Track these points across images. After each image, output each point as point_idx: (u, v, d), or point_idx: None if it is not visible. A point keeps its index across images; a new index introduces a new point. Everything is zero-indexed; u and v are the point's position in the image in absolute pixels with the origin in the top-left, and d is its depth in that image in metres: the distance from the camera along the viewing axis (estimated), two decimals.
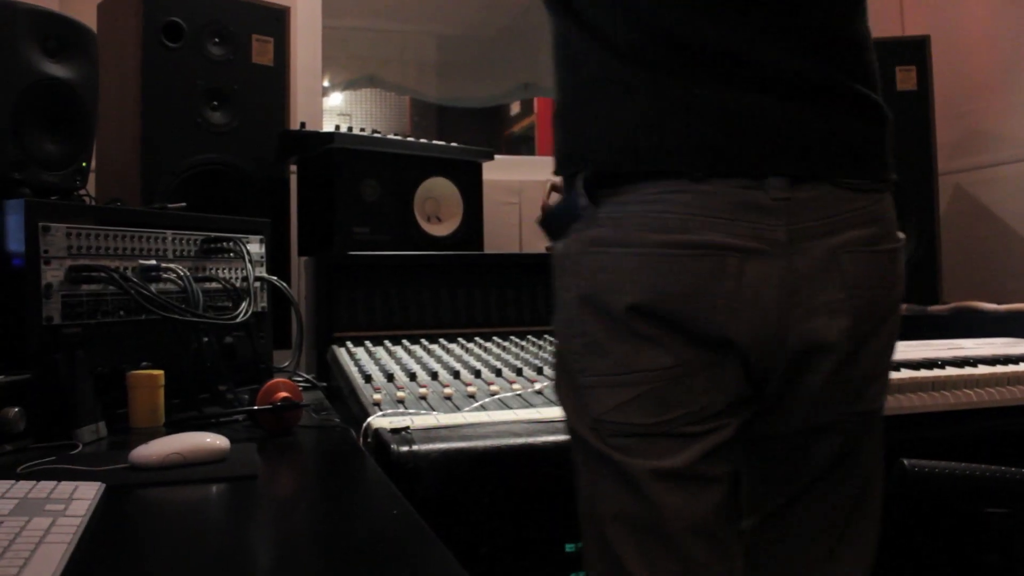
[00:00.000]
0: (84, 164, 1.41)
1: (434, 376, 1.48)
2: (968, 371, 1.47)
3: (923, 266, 2.19)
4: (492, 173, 2.16)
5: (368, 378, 1.45)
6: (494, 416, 1.28)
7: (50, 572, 0.63)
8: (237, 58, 1.86)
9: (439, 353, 1.65)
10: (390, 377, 1.46)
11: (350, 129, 1.90)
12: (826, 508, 0.96)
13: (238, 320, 1.40)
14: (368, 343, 1.71)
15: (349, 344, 1.70)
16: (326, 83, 2.70)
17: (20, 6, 1.29)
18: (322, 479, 1.13)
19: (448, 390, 1.40)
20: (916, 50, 2.24)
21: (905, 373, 1.44)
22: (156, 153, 1.74)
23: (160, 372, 1.27)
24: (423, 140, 2.01)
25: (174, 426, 1.24)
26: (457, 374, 1.50)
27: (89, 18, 1.63)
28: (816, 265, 0.85)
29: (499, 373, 1.53)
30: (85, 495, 0.82)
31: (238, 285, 1.50)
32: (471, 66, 3.09)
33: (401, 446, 1.14)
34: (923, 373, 1.45)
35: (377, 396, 1.35)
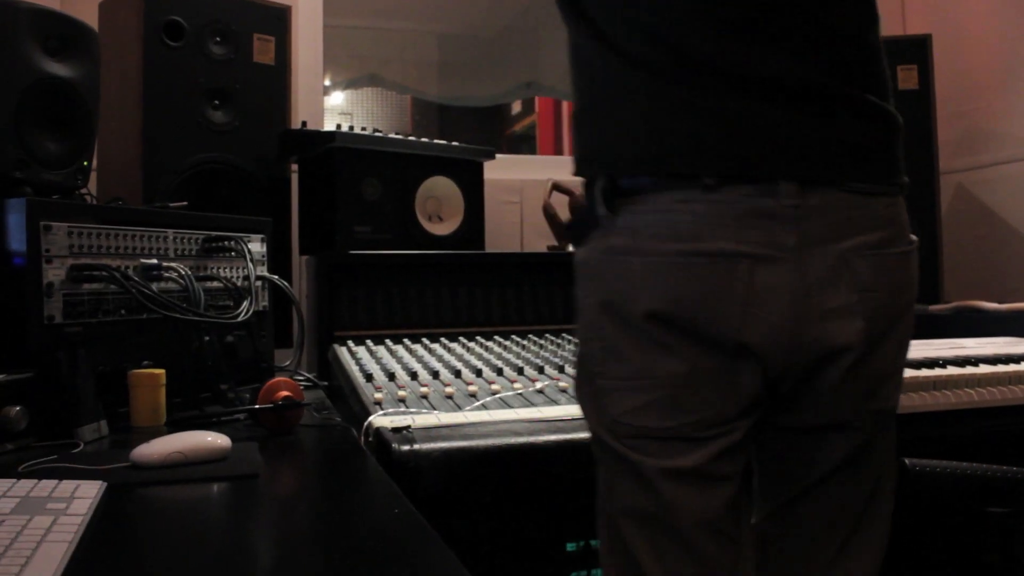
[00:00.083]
0: (85, 163, 1.41)
1: (435, 375, 1.48)
2: (969, 370, 1.47)
3: (924, 265, 2.13)
4: (493, 172, 2.16)
5: (369, 377, 1.45)
6: (495, 415, 1.28)
7: (51, 571, 0.63)
8: (238, 57, 1.86)
9: (440, 352, 1.65)
10: (391, 376, 1.46)
11: (351, 128, 1.90)
12: (837, 505, 0.97)
13: (239, 319, 1.40)
14: (369, 342, 1.71)
15: (350, 343, 1.70)
16: (327, 82, 2.69)
17: (21, 5, 1.29)
18: (323, 478, 1.13)
19: (449, 389, 1.40)
20: (917, 49, 2.24)
21: (906, 372, 1.44)
22: (157, 152, 1.74)
23: (161, 371, 1.27)
24: (424, 139, 2.01)
25: (175, 425, 1.24)
26: (458, 373, 1.50)
27: (90, 17, 1.63)
28: (827, 269, 0.86)
29: (500, 372, 1.53)
30: (86, 494, 0.82)
31: (239, 284, 1.50)
32: (472, 65, 3.09)
33: (402, 445, 1.14)
34: (924, 372, 1.45)
35: (378, 395, 1.35)
